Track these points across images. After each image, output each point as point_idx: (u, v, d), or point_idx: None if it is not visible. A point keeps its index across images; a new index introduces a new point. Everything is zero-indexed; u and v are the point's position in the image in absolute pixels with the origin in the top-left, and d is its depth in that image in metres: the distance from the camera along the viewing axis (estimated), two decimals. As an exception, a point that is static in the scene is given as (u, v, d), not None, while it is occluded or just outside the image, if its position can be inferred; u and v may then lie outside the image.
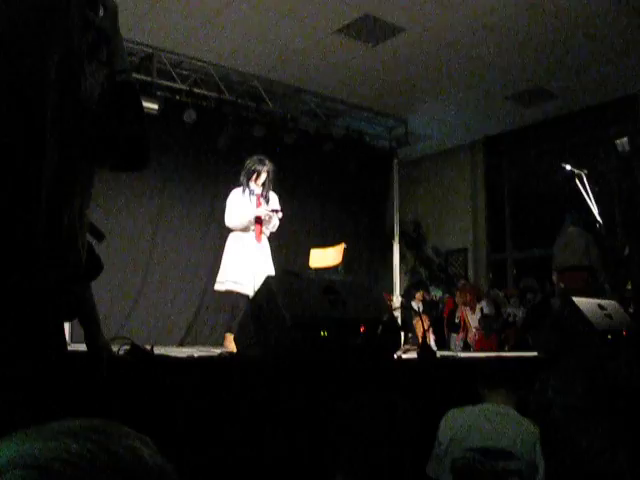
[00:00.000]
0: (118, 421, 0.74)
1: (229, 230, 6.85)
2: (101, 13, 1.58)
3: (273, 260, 9.88)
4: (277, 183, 9.99)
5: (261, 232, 6.83)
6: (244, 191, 6.80)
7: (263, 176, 6.85)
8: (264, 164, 6.85)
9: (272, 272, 6.84)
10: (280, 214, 6.93)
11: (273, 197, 6.98)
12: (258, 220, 6.78)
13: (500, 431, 2.84)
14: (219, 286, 6.74)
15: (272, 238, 10.08)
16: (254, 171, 6.82)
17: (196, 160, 9.01)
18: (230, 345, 6.52)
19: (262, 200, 6.86)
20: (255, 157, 6.95)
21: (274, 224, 6.96)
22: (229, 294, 6.77)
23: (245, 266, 6.65)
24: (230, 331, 6.72)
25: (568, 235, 7.31)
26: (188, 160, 9.12)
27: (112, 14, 1.65)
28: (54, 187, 1.43)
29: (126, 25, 8.09)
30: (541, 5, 7.54)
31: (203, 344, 7.81)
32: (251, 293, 6.64)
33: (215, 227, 8.45)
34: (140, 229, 8.86)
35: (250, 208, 6.75)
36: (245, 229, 6.77)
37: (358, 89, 10.04)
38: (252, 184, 6.84)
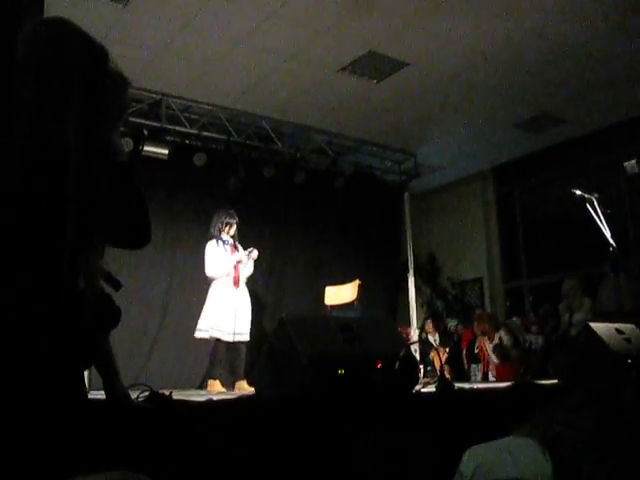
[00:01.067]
0: (139, 468, 0.76)
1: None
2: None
3: (291, 299, 10.00)
4: (290, 222, 10.09)
5: (238, 278, 7.30)
6: (218, 242, 7.31)
7: (234, 227, 7.43)
8: (233, 217, 7.45)
9: (248, 317, 7.31)
10: (255, 253, 7.47)
11: (254, 251, 7.50)
12: (238, 263, 7.32)
13: (523, 464, 2.82)
14: (202, 334, 7.13)
15: (288, 278, 10.16)
16: (226, 223, 7.39)
17: (207, 202, 9.05)
18: (213, 389, 6.78)
19: (235, 249, 7.43)
20: (224, 210, 7.51)
21: (249, 269, 7.50)
22: (206, 341, 7.27)
23: (225, 313, 7.09)
24: (211, 377, 6.99)
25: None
26: (199, 203, 9.15)
27: (122, 108, 1.70)
28: (73, 247, 1.47)
29: (134, 73, 8.21)
30: (545, 32, 7.60)
31: (222, 385, 7.81)
32: (230, 339, 7.07)
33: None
34: (155, 273, 8.90)
35: (228, 256, 7.27)
36: (225, 276, 7.24)
37: (366, 125, 10.12)
38: (224, 235, 7.37)
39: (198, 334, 7.10)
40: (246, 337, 7.15)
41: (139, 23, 7.18)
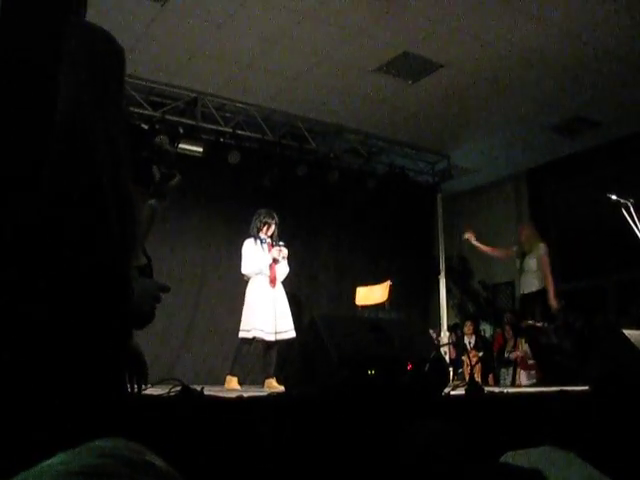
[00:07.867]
0: (168, 462, 0.78)
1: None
2: None
3: (322, 298, 10.03)
4: (322, 221, 10.10)
5: (275, 277, 7.34)
6: (256, 241, 7.36)
7: (272, 228, 7.45)
8: (273, 217, 7.47)
9: (288, 315, 7.34)
10: (285, 251, 7.47)
11: (284, 249, 7.50)
12: (274, 261, 7.36)
13: (567, 477, 2.78)
14: (245, 334, 7.13)
15: (319, 277, 10.17)
16: (264, 223, 7.42)
17: (241, 201, 9.11)
18: (229, 385, 6.83)
19: (272, 248, 7.44)
20: (264, 210, 7.53)
21: (285, 269, 7.53)
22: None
23: (265, 313, 7.14)
24: (230, 374, 7.01)
25: None
26: (233, 201, 9.22)
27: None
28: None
29: (171, 71, 8.32)
30: (580, 35, 7.54)
31: (254, 383, 7.86)
32: (272, 338, 7.12)
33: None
34: (187, 270, 8.96)
35: (264, 255, 7.32)
36: (260, 274, 7.27)
37: (399, 126, 10.10)
38: (262, 235, 7.40)
39: (241, 334, 7.15)
40: (291, 334, 7.20)
41: (176, 22, 7.23)
